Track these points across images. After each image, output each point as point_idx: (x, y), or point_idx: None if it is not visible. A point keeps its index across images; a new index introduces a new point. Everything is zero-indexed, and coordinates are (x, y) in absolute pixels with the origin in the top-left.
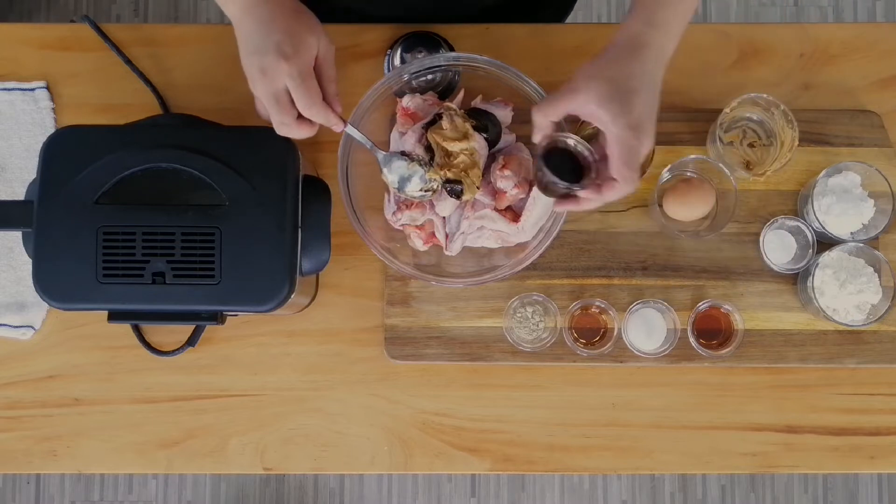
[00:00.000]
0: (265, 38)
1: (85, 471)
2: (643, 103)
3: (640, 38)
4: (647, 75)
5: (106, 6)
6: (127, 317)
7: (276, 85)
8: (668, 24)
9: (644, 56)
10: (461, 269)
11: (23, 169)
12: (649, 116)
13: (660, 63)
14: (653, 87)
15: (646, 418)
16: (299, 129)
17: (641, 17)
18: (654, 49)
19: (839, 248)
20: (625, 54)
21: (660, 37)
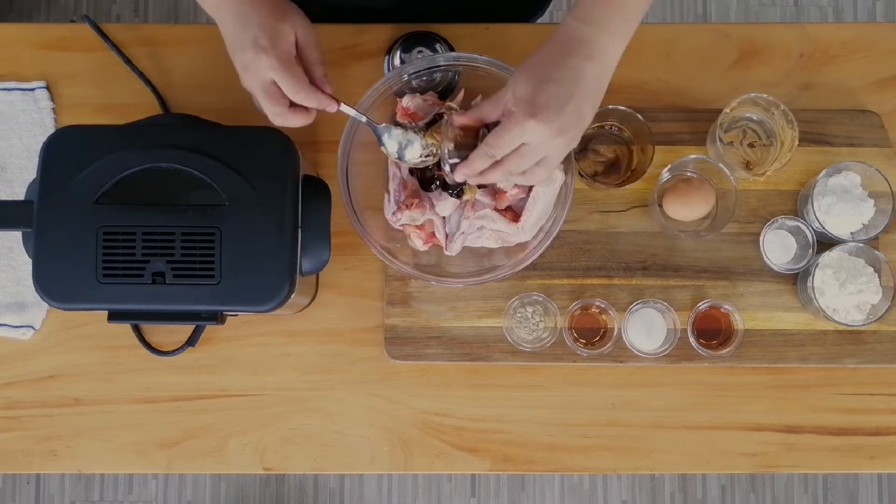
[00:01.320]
0: (241, 33)
1: (85, 471)
2: (550, 94)
3: (572, 33)
4: (571, 69)
5: (106, 6)
6: (127, 317)
7: (262, 78)
8: (603, 22)
9: (569, 49)
10: (461, 269)
11: (23, 169)
12: (555, 108)
13: (589, 56)
14: (572, 81)
15: (646, 418)
16: (295, 117)
17: (576, 13)
18: (583, 43)
19: (839, 248)
20: (551, 46)
21: (592, 32)
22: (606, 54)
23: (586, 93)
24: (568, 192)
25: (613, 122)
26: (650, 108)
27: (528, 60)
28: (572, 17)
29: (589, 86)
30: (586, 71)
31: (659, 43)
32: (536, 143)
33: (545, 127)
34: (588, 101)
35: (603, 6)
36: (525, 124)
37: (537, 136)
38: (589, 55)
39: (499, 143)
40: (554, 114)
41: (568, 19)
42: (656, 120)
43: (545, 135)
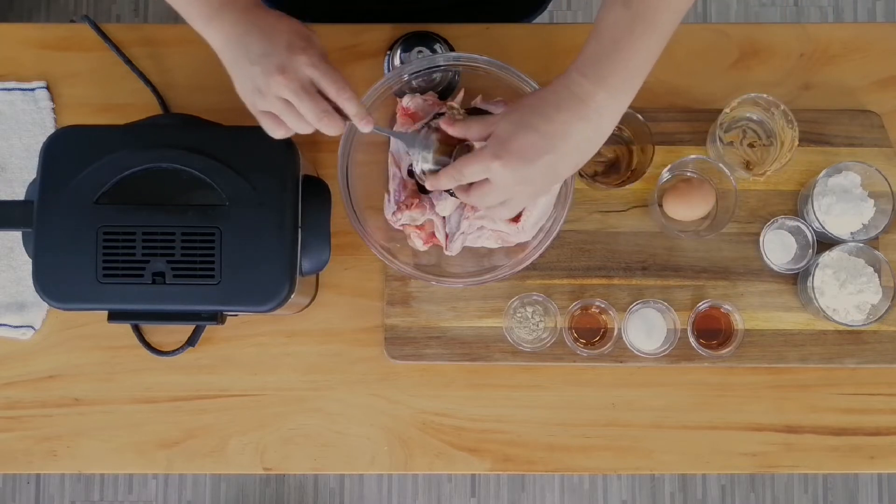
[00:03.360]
0: (270, 41)
1: (85, 471)
2: (525, 143)
3: (572, 87)
4: (559, 124)
5: (106, 6)
6: (127, 317)
7: (302, 78)
8: (604, 76)
9: (564, 104)
10: (461, 269)
11: (23, 169)
12: (527, 157)
13: (583, 117)
14: (554, 136)
15: (646, 418)
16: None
17: (580, 65)
18: (581, 102)
19: (839, 248)
20: (549, 94)
21: (593, 90)
22: (603, 115)
23: (568, 152)
24: (568, 192)
25: None
26: (650, 108)
27: (524, 100)
28: (575, 69)
29: (575, 145)
30: (576, 131)
31: None
32: (499, 184)
33: (509, 173)
34: (569, 160)
35: (607, 61)
36: (489, 163)
37: (500, 179)
38: (584, 116)
39: (463, 172)
40: (522, 163)
41: (571, 70)
42: (656, 120)
43: (508, 180)
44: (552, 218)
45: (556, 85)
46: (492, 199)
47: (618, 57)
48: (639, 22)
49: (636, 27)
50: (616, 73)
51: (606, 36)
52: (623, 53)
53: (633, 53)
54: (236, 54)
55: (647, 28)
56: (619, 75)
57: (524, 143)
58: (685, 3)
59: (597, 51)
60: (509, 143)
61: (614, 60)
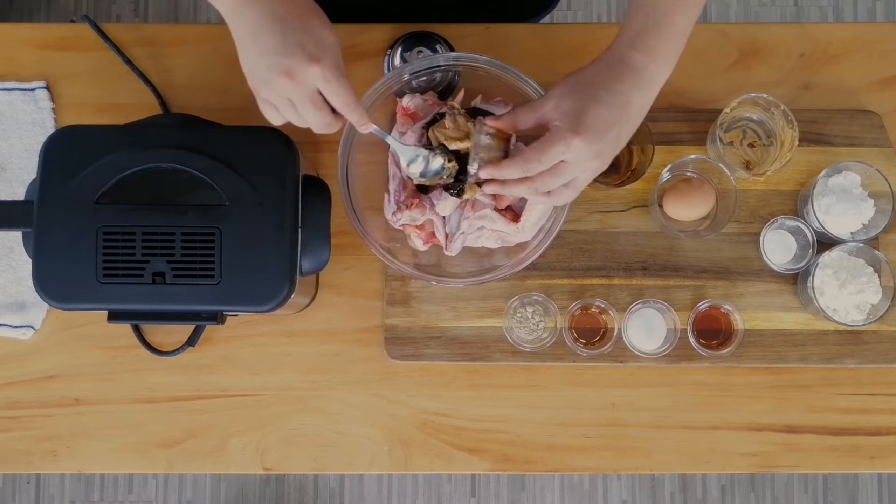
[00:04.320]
0: (283, 37)
1: (85, 471)
2: (598, 115)
3: (624, 59)
4: (619, 94)
5: (106, 6)
6: (127, 317)
7: (309, 88)
8: (654, 47)
9: (621, 76)
10: (461, 269)
11: (23, 169)
12: (600, 130)
13: (641, 89)
14: (620, 107)
15: (646, 418)
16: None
17: (627, 38)
18: (636, 72)
19: (839, 248)
20: (601, 68)
21: (645, 61)
22: (655, 84)
23: (629, 121)
24: None
25: None
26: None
27: (575, 77)
28: (624, 43)
29: (633, 115)
30: (634, 100)
31: None
32: (574, 162)
33: (587, 147)
34: (629, 130)
35: (655, 33)
36: (571, 140)
37: (577, 155)
38: (640, 85)
39: (541, 158)
40: (597, 136)
41: (619, 43)
42: (656, 120)
43: (585, 155)
44: (552, 218)
45: (607, 59)
46: (561, 179)
47: (665, 29)
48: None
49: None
50: (664, 43)
51: (653, 9)
52: (670, 26)
53: (678, 25)
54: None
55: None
56: (667, 46)
57: (596, 116)
58: None
59: (644, 24)
60: (583, 117)
61: (662, 32)
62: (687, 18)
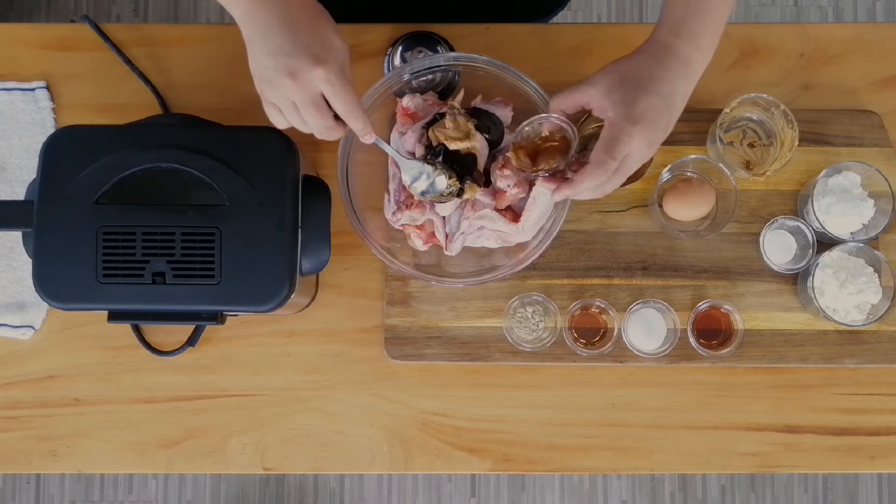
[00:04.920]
0: (291, 38)
1: (85, 471)
2: (649, 104)
3: (668, 48)
4: (665, 82)
5: (106, 6)
6: (127, 317)
7: (312, 90)
8: (697, 35)
9: (667, 64)
10: (461, 269)
11: (23, 169)
12: (651, 119)
13: (685, 77)
14: (667, 96)
15: (646, 418)
16: (338, 131)
17: (670, 27)
18: (680, 60)
19: (839, 248)
20: (647, 57)
21: (688, 49)
22: (697, 73)
23: (676, 109)
24: None
25: None
26: None
27: (620, 67)
28: (666, 31)
29: (679, 103)
30: (680, 88)
31: None
32: (635, 153)
33: (644, 136)
34: (675, 118)
35: (696, 20)
36: (630, 130)
37: (637, 146)
38: (685, 73)
39: (614, 156)
40: (650, 126)
41: (661, 32)
42: None
43: (642, 145)
44: (552, 218)
45: (651, 47)
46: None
47: (706, 18)
48: None
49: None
50: (706, 32)
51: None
52: (711, 14)
53: (717, 14)
54: (254, 37)
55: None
56: (709, 34)
57: (649, 106)
58: None
59: (685, 13)
60: (636, 108)
61: (703, 21)
62: (725, 5)
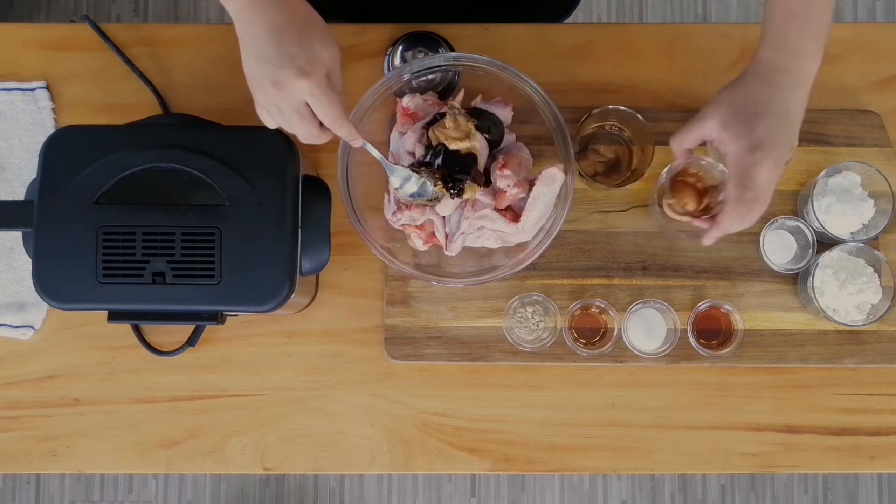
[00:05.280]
0: (277, 49)
1: (85, 471)
2: (767, 126)
3: (772, 64)
4: (777, 101)
5: (106, 6)
6: (127, 317)
7: (296, 100)
8: (800, 46)
9: (775, 81)
10: (461, 269)
11: (23, 169)
12: (772, 140)
13: (795, 87)
14: (783, 113)
15: (646, 418)
16: (324, 137)
17: (771, 43)
18: (787, 73)
19: (839, 248)
20: (754, 80)
21: (792, 60)
22: (808, 78)
23: (795, 121)
24: (568, 192)
25: (613, 122)
26: (650, 108)
27: (731, 95)
28: (768, 49)
29: (796, 113)
30: (794, 100)
31: (659, 43)
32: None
33: (770, 159)
34: (797, 123)
35: (795, 30)
36: (757, 160)
37: (767, 170)
38: (793, 85)
39: (752, 187)
40: (774, 146)
41: (764, 51)
42: (656, 120)
43: (772, 165)
44: (552, 218)
45: (755, 67)
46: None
47: (806, 26)
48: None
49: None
50: (807, 39)
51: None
52: (810, 22)
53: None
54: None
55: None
56: (810, 40)
57: (769, 129)
58: None
59: (785, 27)
60: (756, 135)
61: (804, 30)
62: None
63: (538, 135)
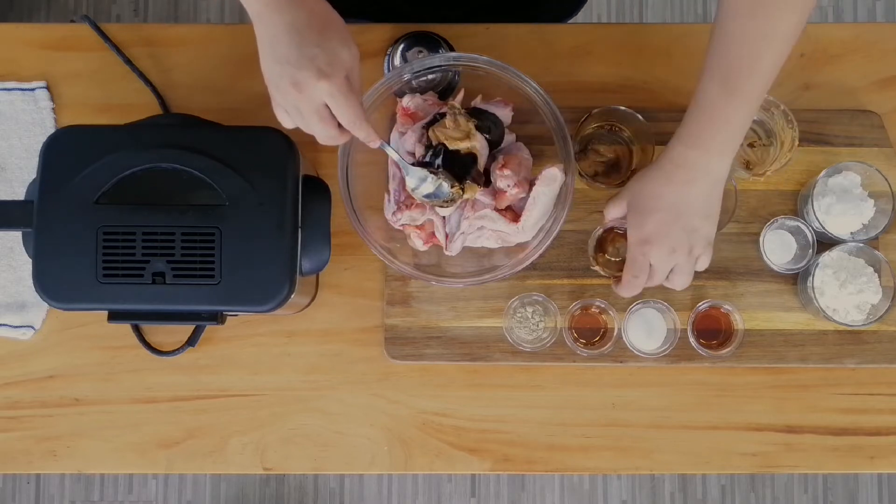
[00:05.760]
0: (298, 49)
1: (85, 471)
2: (657, 222)
3: (675, 160)
4: (669, 195)
5: (106, 6)
6: (127, 317)
7: (316, 101)
8: (710, 143)
9: (673, 177)
10: (461, 269)
11: (23, 169)
12: (662, 234)
13: (694, 183)
14: (672, 208)
15: (646, 418)
16: (342, 138)
17: (683, 138)
18: (689, 170)
19: (839, 248)
20: (655, 173)
21: (698, 157)
22: (710, 173)
23: (693, 210)
24: (568, 192)
25: (613, 122)
26: (650, 108)
27: (635, 186)
28: (678, 142)
29: (694, 204)
30: (688, 194)
31: (659, 43)
32: (658, 263)
33: (658, 250)
34: (697, 215)
35: (709, 127)
36: (644, 251)
37: (657, 259)
38: (690, 180)
39: (635, 272)
40: (663, 239)
41: (675, 143)
42: (656, 120)
43: (662, 255)
44: (552, 218)
45: (662, 161)
46: (660, 275)
47: (719, 127)
48: (736, 97)
49: (733, 101)
50: (716, 137)
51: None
52: (724, 124)
53: (732, 123)
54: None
55: (745, 100)
56: (719, 139)
57: (656, 224)
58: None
59: (698, 127)
60: (644, 229)
61: (715, 126)
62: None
63: (538, 135)
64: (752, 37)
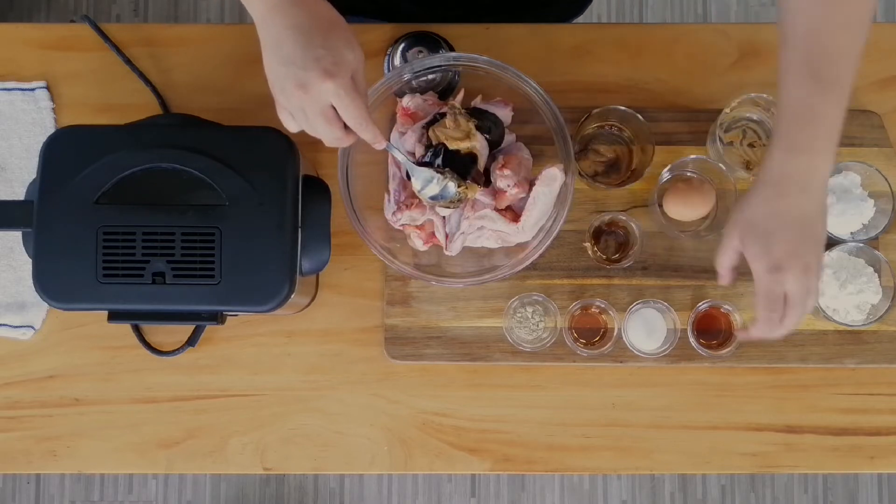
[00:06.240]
0: (303, 50)
1: (85, 471)
2: (782, 242)
3: (781, 170)
4: (789, 211)
5: (106, 6)
6: (127, 317)
7: (321, 102)
8: (813, 144)
9: (787, 190)
10: (461, 269)
11: (23, 169)
12: (793, 254)
13: (809, 191)
14: (796, 223)
15: (646, 418)
16: (348, 140)
17: (782, 144)
18: (800, 178)
19: (839, 248)
20: (765, 191)
21: (804, 161)
22: (821, 176)
23: (813, 220)
24: (568, 192)
25: (613, 122)
26: (650, 108)
27: (745, 212)
28: (779, 150)
29: (815, 211)
30: (806, 203)
31: (659, 43)
32: (795, 288)
33: (793, 274)
34: (820, 222)
35: (808, 128)
36: (778, 278)
37: (792, 282)
38: (804, 188)
39: (774, 307)
40: (794, 258)
41: (775, 153)
42: (656, 120)
43: (797, 275)
44: (552, 218)
45: (766, 175)
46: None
47: (819, 125)
48: (830, 90)
49: (829, 95)
50: (818, 137)
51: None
52: (823, 120)
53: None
54: (267, 43)
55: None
56: (821, 137)
57: (783, 244)
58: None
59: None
60: (773, 253)
61: (817, 130)
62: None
63: (538, 135)
64: (832, 25)
